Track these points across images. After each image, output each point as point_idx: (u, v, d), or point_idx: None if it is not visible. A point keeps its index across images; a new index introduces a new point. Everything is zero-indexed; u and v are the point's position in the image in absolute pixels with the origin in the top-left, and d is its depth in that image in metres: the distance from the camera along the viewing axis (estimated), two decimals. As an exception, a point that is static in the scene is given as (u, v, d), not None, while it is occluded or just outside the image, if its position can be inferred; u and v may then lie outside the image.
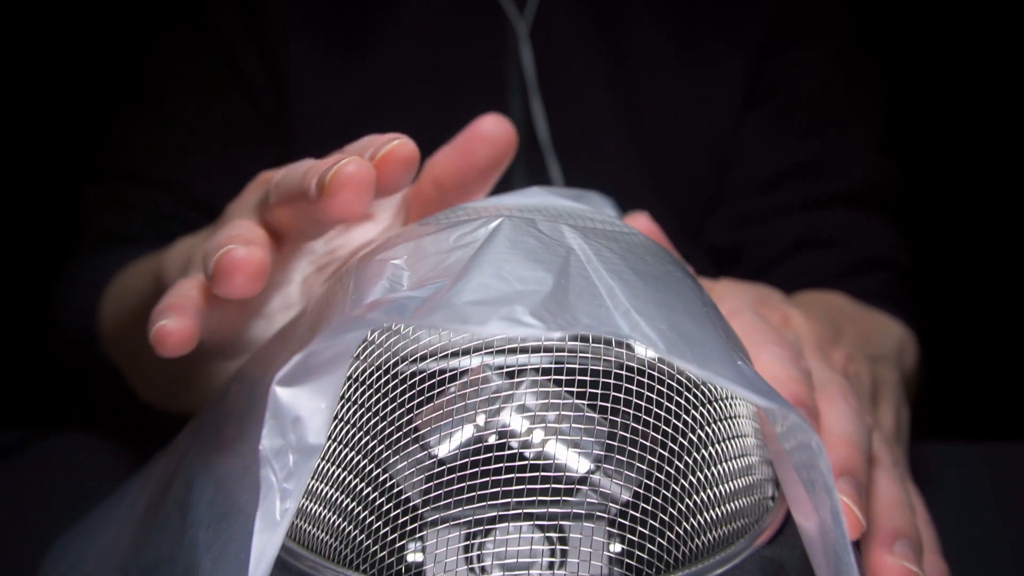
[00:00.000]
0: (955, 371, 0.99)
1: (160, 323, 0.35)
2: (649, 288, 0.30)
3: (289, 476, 0.28)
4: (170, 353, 0.35)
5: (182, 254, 0.48)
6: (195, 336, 0.35)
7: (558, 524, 0.30)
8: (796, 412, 0.28)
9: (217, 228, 0.41)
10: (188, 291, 0.37)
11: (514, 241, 0.30)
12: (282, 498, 0.28)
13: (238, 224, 0.37)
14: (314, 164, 0.34)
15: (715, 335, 0.30)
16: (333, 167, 0.33)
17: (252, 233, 0.36)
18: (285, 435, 0.28)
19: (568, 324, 0.26)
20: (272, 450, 0.28)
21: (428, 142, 0.74)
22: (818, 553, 0.30)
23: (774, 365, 0.38)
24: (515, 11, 0.74)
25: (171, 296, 0.37)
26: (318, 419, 0.29)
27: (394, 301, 0.28)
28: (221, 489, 0.32)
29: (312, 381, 0.28)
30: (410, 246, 0.33)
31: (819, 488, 0.29)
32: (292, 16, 0.73)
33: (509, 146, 0.43)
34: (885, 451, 0.40)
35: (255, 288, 0.34)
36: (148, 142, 0.74)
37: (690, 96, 0.74)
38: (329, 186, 0.32)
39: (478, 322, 0.26)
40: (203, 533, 0.31)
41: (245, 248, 0.34)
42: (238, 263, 0.33)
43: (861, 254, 0.71)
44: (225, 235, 0.35)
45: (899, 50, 1.03)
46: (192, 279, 0.38)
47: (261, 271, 0.34)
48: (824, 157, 0.74)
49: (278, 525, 0.28)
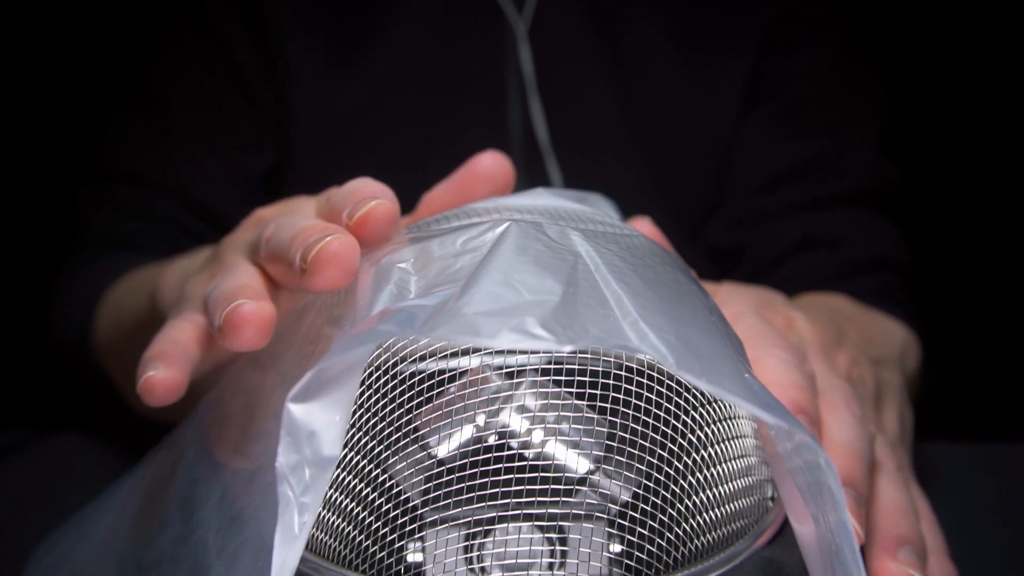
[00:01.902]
0: (955, 371, 0.99)
1: (148, 374, 0.35)
2: (657, 297, 0.30)
3: (306, 490, 0.28)
4: (158, 403, 0.35)
5: (177, 279, 0.48)
6: (183, 386, 0.35)
7: (558, 524, 0.30)
8: (805, 430, 0.28)
9: (217, 269, 0.40)
10: (179, 335, 0.37)
11: (522, 247, 0.30)
12: (300, 512, 0.28)
13: (242, 271, 0.37)
14: (301, 231, 0.34)
15: (723, 347, 0.30)
16: (318, 244, 0.32)
17: (257, 284, 0.36)
18: (300, 450, 0.28)
19: (578, 336, 0.26)
20: (289, 467, 0.28)
21: (427, 143, 0.74)
22: (815, 557, 0.30)
23: (778, 370, 0.38)
24: (514, 11, 0.73)
25: (161, 342, 0.36)
26: (333, 431, 0.28)
27: (403, 310, 0.28)
28: (229, 492, 0.32)
29: (325, 395, 0.28)
30: (416, 249, 0.33)
31: (827, 505, 0.29)
32: (291, 16, 0.73)
33: (507, 183, 0.43)
34: (889, 455, 0.40)
35: (264, 341, 0.33)
36: (146, 144, 0.74)
37: (690, 97, 0.74)
38: (313, 264, 0.32)
39: (488, 335, 0.26)
40: (212, 537, 0.31)
41: (255, 303, 0.33)
42: (248, 318, 0.33)
43: (862, 255, 0.71)
44: (232, 285, 0.35)
45: (899, 50, 1.03)
46: (184, 320, 0.38)
47: (270, 325, 0.33)
48: (825, 158, 0.74)
49: (296, 538, 0.27)
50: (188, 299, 0.40)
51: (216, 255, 0.42)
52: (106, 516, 0.40)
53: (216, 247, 0.43)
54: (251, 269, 0.37)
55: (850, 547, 0.28)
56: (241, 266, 0.37)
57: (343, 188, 0.36)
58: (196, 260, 0.48)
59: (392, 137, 0.74)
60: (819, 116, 0.75)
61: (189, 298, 0.40)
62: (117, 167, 0.74)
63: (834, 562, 0.28)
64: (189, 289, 0.41)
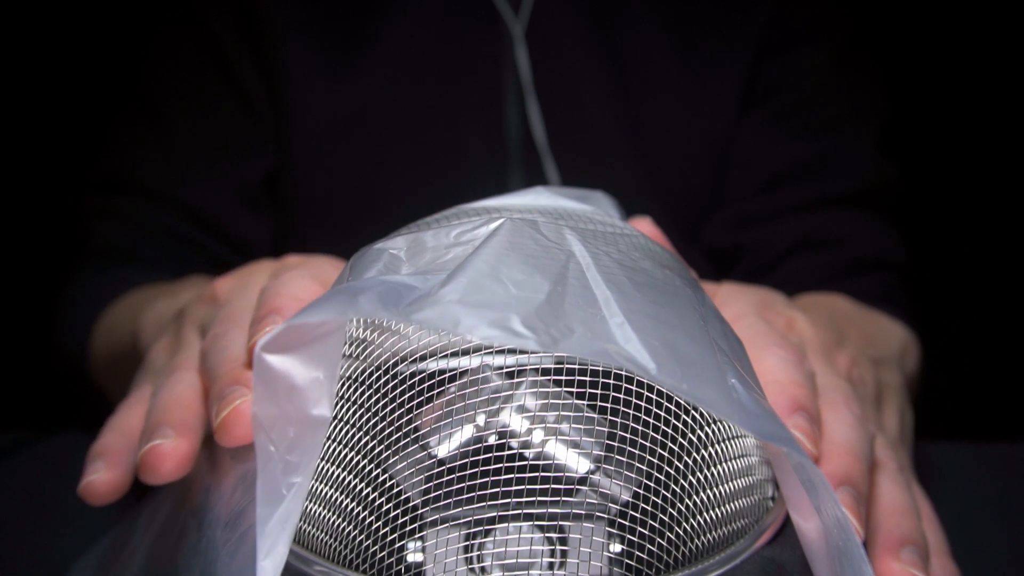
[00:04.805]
0: (955, 371, 0.99)
1: (89, 478, 0.36)
2: (646, 300, 0.30)
3: (292, 448, 0.28)
4: (99, 503, 0.36)
5: (156, 324, 0.50)
6: (125, 486, 0.36)
7: (558, 524, 0.30)
8: (789, 442, 0.28)
9: (175, 346, 0.42)
10: (129, 421, 0.38)
11: (513, 243, 0.30)
12: (285, 470, 0.27)
13: (182, 382, 0.38)
14: (223, 375, 0.35)
15: (709, 352, 0.29)
16: (228, 407, 0.33)
17: (188, 401, 0.37)
18: (280, 403, 0.28)
19: (560, 335, 0.26)
20: (266, 418, 0.28)
21: (425, 145, 0.74)
22: (819, 554, 0.30)
23: (777, 369, 0.38)
24: (510, 12, 0.73)
25: (107, 437, 0.38)
26: (317, 390, 0.28)
27: (389, 282, 0.28)
28: (239, 489, 0.32)
29: (303, 349, 0.28)
30: (410, 238, 0.33)
31: (826, 510, 0.29)
32: (288, 21, 0.73)
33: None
34: (889, 455, 0.40)
35: (183, 472, 0.35)
36: (145, 154, 0.75)
37: (687, 97, 0.74)
38: (223, 423, 0.33)
39: (467, 327, 0.26)
40: (220, 532, 0.31)
41: (172, 443, 0.34)
42: (165, 454, 0.34)
43: (861, 255, 0.71)
44: (164, 404, 0.36)
45: (898, 50, 1.03)
46: (134, 406, 0.39)
47: (186, 460, 0.35)
48: (823, 158, 0.74)
49: (284, 498, 0.27)
50: (148, 371, 0.43)
51: (177, 328, 0.44)
52: (125, 544, 0.39)
53: (181, 313, 0.45)
54: (191, 378, 0.38)
55: (855, 544, 0.28)
56: (183, 371, 0.39)
57: (262, 295, 0.37)
58: (177, 301, 0.50)
59: (390, 139, 0.74)
60: (818, 116, 0.75)
61: (148, 370, 0.43)
62: (117, 177, 0.75)
63: (841, 560, 0.28)
64: (151, 359, 0.43)
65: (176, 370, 0.39)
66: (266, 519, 0.27)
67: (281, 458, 0.28)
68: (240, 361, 0.35)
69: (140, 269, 0.71)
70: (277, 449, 0.28)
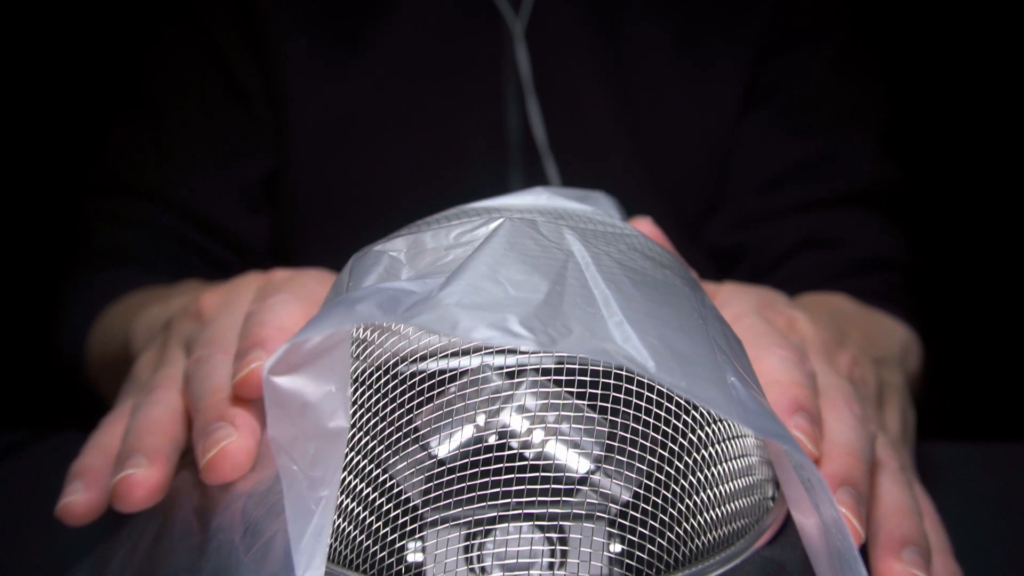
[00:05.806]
0: (956, 371, 0.99)
1: (67, 499, 0.36)
2: (645, 299, 0.30)
3: (315, 464, 0.28)
4: (77, 524, 0.36)
5: (146, 331, 0.50)
6: (102, 507, 0.36)
7: (558, 524, 0.30)
8: (788, 440, 0.28)
9: (161, 360, 0.42)
10: (106, 445, 0.38)
11: (512, 243, 0.30)
12: (312, 486, 0.27)
13: (162, 403, 0.38)
14: (208, 407, 0.35)
15: (708, 351, 0.29)
16: (215, 448, 0.33)
17: (167, 425, 0.37)
18: (295, 422, 0.28)
19: (559, 335, 0.26)
20: (284, 439, 0.28)
21: (425, 145, 0.74)
22: (820, 553, 0.30)
23: (778, 368, 0.38)
24: (510, 11, 0.73)
25: (87, 457, 0.38)
26: (332, 403, 0.28)
27: (388, 290, 0.28)
28: (251, 497, 0.32)
29: (310, 366, 0.28)
30: (410, 239, 0.33)
31: (824, 509, 0.29)
32: (287, 20, 0.73)
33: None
34: (891, 455, 0.40)
35: (156, 501, 0.35)
36: (144, 155, 0.75)
37: (689, 96, 0.74)
38: (209, 464, 0.33)
39: (466, 329, 0.26)
40: (239, 539, 0.31)
41: (144, 472, 0.34)
42: (136, 483, 0.34)
43: (862, 254, 0.71)
44: (134, 437, 0.36)
45: (899, 50, 1.03)
46: (115, 423, 0.39)
47: (159, 489, 0.35)
48: (824, 157, 0.74)
49: (314, 513, 0.27)
50: (132, 384, 0.43)
51: (163, 341, 0.44)
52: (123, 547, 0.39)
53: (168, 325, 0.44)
54: (170, 398, 0.38)
55: (850, 545, 0.28)
56: (163, 391, 0.39)
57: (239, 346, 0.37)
58: (169, 308, 0.50)
59: (389, 139, 0.74)
60: (819, 116, 0.75)
61: (133, 383, 0.43)
62: (116, 178, 0.75)
63: (840, 560, 0.28)
64: (136, 372, 0.44)
65: (155, 389, 0.39)
66: (300, 535, 0.27)
67: (305, 475, 0.28)
68: (224, 393, 0.35)
69: (139, 270, 0.71)
70: (300, 467, 0.28)
